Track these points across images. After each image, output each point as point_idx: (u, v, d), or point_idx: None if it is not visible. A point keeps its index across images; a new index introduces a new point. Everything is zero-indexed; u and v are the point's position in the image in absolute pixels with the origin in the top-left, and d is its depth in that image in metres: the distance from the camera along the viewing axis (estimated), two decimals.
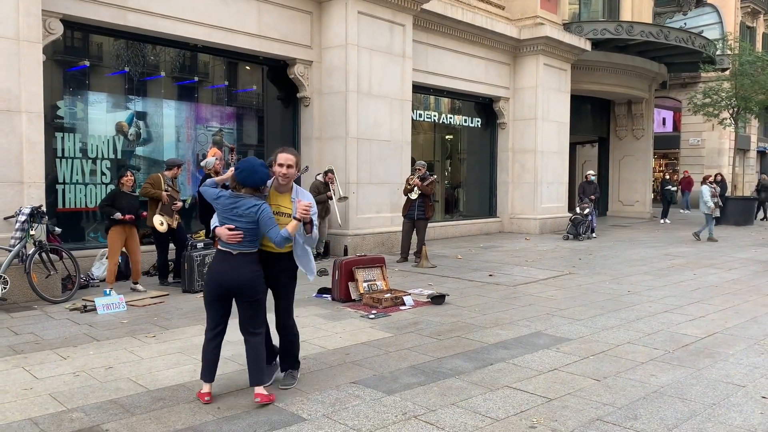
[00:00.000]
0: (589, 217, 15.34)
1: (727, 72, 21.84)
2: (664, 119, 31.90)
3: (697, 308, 7.31)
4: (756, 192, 21.56)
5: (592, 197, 15.76)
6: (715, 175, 19.89)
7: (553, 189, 17.07)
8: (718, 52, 20.98)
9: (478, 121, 16.70)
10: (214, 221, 4.30)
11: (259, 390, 4.11)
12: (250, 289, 4.11)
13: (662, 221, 20.35)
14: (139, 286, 7.99)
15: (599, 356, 5.35)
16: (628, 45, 18.36)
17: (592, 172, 16.96)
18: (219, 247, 4.19)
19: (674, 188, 21.96)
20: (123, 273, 8.48)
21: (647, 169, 22.72)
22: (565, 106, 17.42)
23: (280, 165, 4.17)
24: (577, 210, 15.42)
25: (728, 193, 20.75)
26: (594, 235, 15.57)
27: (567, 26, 17.38)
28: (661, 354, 5.41)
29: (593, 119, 22.27)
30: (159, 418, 3.90)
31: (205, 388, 4.18)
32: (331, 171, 11.05)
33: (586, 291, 8.38)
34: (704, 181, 17.09)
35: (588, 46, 17.29)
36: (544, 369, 4.98)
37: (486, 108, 16.69)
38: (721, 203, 15.04)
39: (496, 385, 4.58)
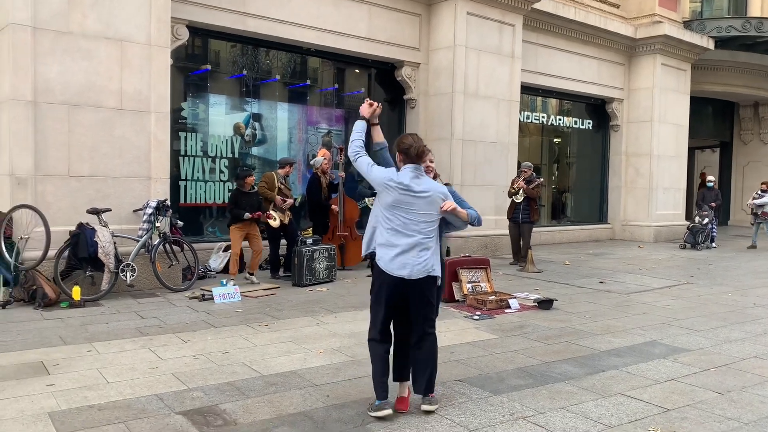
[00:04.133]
0: (709, 226, 14.41)
1: None
2: None
3: None
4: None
5: (713, 204, 14.80)
6: None
7: (669, 195, 16.19)
8: None
9: (589, 123, 16.14)
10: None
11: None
12: None
13: None
14: (253, 278, 8.34)
15: (722, 369, 5.01)
16: (756, 42, 17.10)
17: (711, 177, 15.92)
18: None
19: None
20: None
21: None
22: (684, 108, 16.48)
23: None
24: (696, 218, 14.53)
25: None
26: (714, 245, 14.60)
27: (688, 24, 16.45)
28: None
29: (715, 122, 20.91)
30: (272, 402, 4.06)
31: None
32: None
33: (705, 302, 7.87)
34: None
35: (711, 45, 16.28)
36: (660, 379, 4.73)
37: (598, 110, 16.10)
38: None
39: (609, 392, 4.40)
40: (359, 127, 4.16)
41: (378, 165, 4.05)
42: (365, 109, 4.18)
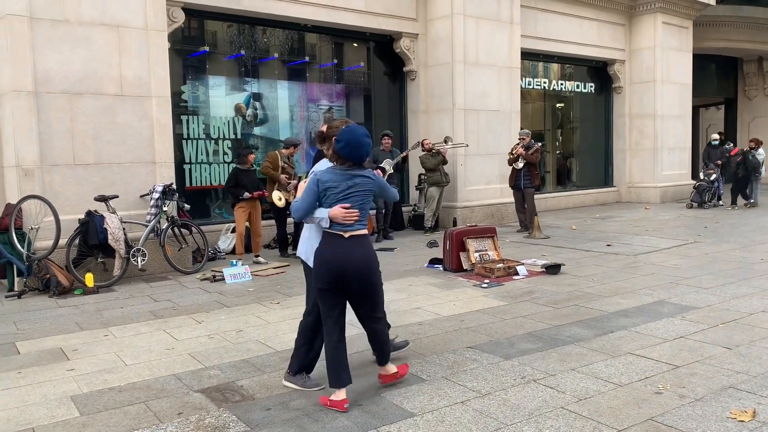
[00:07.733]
0: (716, 184, 14.37)
1: None
2: None
3: None
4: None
5: (719, 162, 14.73)
6: None
7: (674, 155, 16.14)
8: None
9: (591, 87, 16.02)
10: (320, 213, 3.66)
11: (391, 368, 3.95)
12: (371, 272, 3.73)
13: None
14: (260, 259, 8.42)
15: (730, 325, 5.06)
16: None
17: (716, 135, 15.82)
18: (329, 230, 3.66)
19: None
20: (245, 246, 8.96)
21: None
22: (687, 66, 16.32)
23: None
24: (702, 176, 14.48)
25: None
26: (721, 202, 14.58)
27: None
28: None
29: (718, 79, 20.72)
30: None
31: (342, 394, 3.65)
32: (422, 140, 10.96)
33: (713, 259, 7.90)
34: None
35: (712, 0, 16.06)
36: (669, 337, 4.79)
37: (600, 72, 15.97)
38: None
39: (618, 352, 4.46)
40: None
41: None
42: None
